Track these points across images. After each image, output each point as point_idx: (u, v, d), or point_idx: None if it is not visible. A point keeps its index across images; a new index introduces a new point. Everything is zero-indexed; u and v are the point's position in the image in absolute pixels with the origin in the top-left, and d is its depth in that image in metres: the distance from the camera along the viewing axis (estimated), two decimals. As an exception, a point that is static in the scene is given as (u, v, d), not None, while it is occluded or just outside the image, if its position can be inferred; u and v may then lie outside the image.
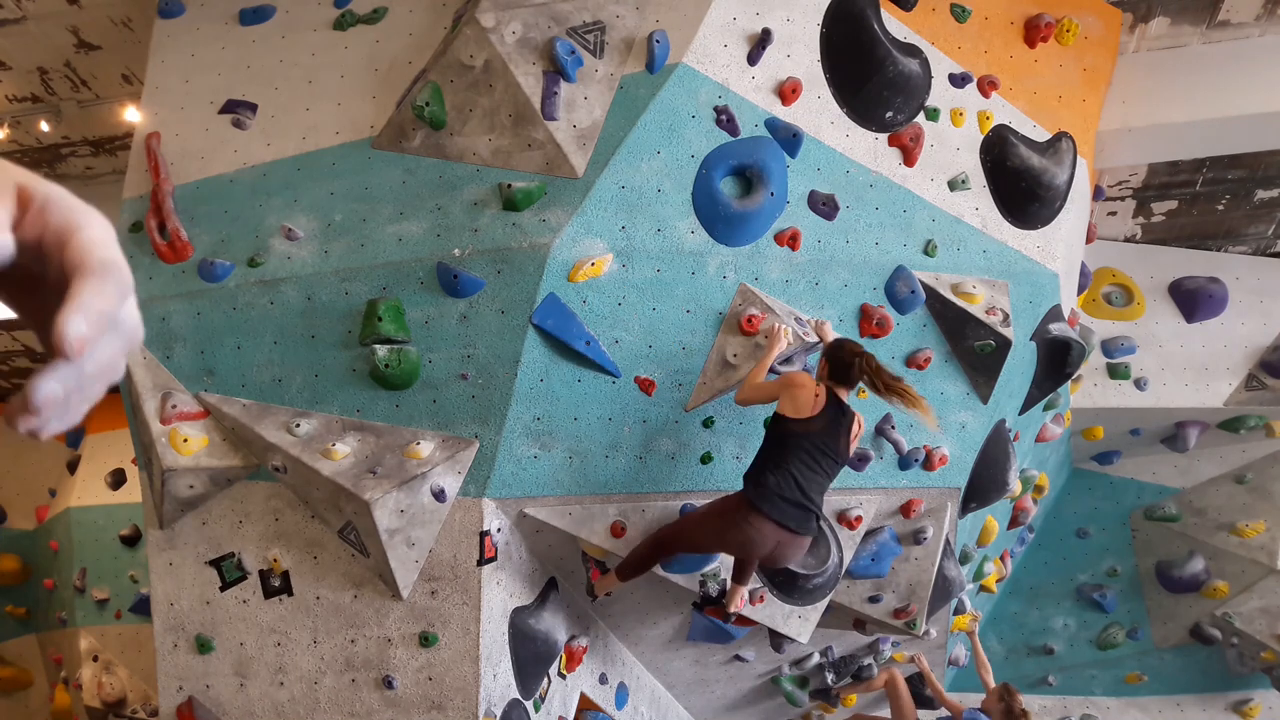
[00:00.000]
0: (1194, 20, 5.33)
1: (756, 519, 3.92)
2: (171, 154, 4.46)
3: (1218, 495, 7.12)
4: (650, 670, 6.12)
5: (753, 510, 3.92)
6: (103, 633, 8.27)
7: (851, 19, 4.26)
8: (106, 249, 0.63)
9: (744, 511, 3.94)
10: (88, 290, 0.61)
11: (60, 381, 0.61)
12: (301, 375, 4.22)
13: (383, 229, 4.10)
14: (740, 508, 3.96)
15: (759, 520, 3.92)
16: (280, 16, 4.62)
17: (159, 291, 4.28)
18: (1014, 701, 5.67)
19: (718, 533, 4.08)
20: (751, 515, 3.92)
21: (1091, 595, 7.41)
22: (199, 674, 4.41)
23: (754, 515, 3.92)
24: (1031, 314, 4.94)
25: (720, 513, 4.07)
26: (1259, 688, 7.31)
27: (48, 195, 0.64)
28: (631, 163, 3.94)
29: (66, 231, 0.63)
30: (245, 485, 4.37)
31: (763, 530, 3.94)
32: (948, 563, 5.27)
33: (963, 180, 4.65)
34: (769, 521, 3.92)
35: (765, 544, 3.99)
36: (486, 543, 4.21)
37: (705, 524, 4.14)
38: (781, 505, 3.91)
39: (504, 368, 4.01)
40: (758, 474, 3.97)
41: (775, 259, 4.24)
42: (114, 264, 0.63)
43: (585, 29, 4.01)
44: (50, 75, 5.80)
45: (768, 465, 3.96)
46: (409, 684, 4.23)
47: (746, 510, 3.93)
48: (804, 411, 3.94)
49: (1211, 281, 6.71)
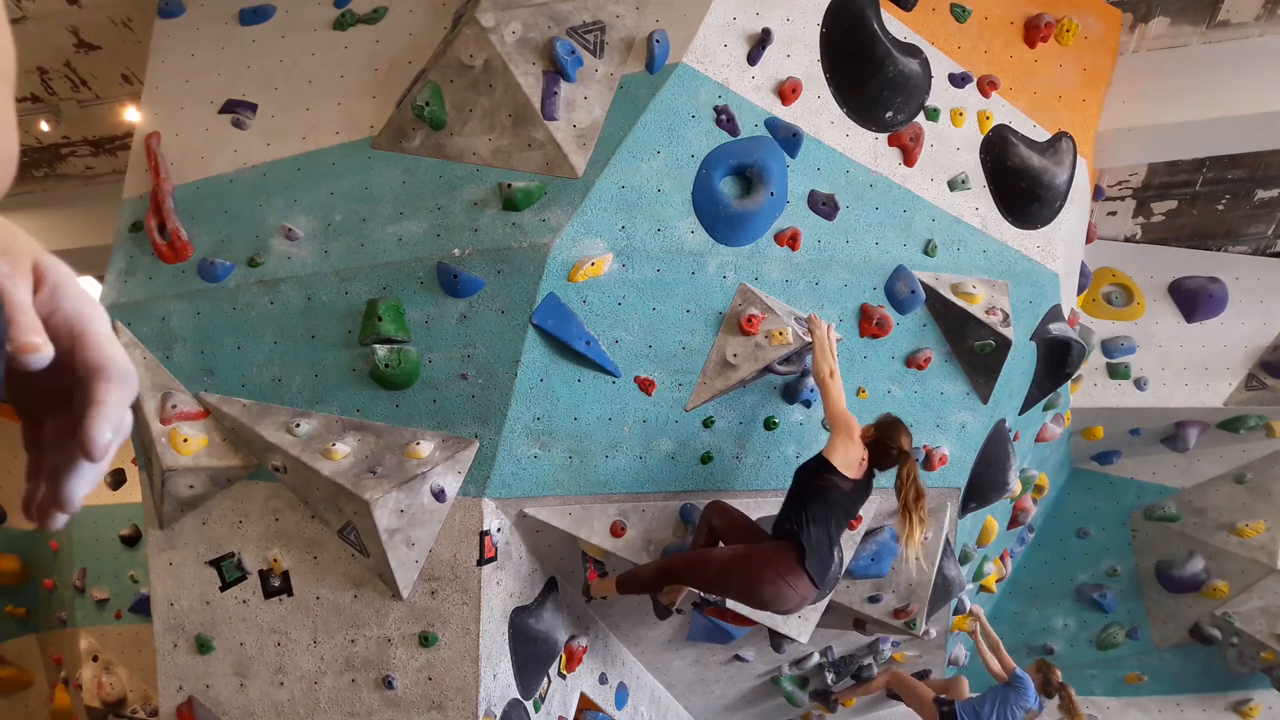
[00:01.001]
0: (1194, 20, 5.33)
1: (798, 578, 3.74)
2: (171, 154, 4.46)
3: (1218, 495, 7.12)
4: (650, 670, 6.12)
5: (798, 567, 3.73)
6: (103, 633, 8.27)
7: (851, 19, 4.26)
8: (120, 350, 0.68)
9: (787, 565, 3.74)
10: (113, 399, 0.67)
11: (89, 483, 0.68)
12: (301, 375, 4.22)
13: (383, 229, 4.10)
14: (782, 562, 3.75)
15: (800, 579, 3.74)
16: (280, 16, 4.62)
17: (159, 291, 4.28)
18: (1052, 674, 5.85)
19: (745, 584, 3.85)
20: (796, 573, 3.74)
21: (1091, 595, 7.41)
22: (199, 674, 4.41)
23: (798, 574, 3.74)
24: (1031, 314, 4.94)
25: (753, 564, 3.81)
26: (1259, 688, 7.31)
27: (59, 278, 0.67)
28: (631, 163, 3.94)
29: (80, 321, 0.68)
30: (245, 485, 4.37)
31: (800, 588, 3.76)
32: (948, 563, 5.27)
33: (963, 180, 4.65)
34: (809, 581, 3.75)
35: (794, 603, 3.83)
36: (486, 543, 4.21)
37: (731, 571, 3.88)
38: (821, 566, 3.77)
39: (504, 368, 4.01)
40: (803, 528, 3.77)
41: (775, 259, 4.24)
42: (131, 372, 0.69)
43: (585, 29, 4.01)
44: (50, 75, 5.80)
45: (813, 520, 3.78)
46: (409, 684, 4.23)
47: (791, 564, 3.74)
48: (850, 471, 3.88)
49: (1211, 281, 6.71)
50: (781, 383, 4.43)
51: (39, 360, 0.63)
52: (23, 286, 0.65)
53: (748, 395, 4.40)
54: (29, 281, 0.66)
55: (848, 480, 3.88)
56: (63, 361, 0.68)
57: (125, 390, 0.67)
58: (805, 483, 3.96)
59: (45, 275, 0.67)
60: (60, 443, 0.70)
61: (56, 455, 0.70)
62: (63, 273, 0.68)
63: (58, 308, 0.66)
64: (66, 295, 0.67)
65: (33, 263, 0.66)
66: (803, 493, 3.92)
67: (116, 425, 0.67)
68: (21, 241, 0.66)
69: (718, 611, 4.95)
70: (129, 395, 0.68)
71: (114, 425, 0.66)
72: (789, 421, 4.55)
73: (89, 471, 0.68)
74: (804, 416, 4.58)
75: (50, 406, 0.72)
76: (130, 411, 0.70)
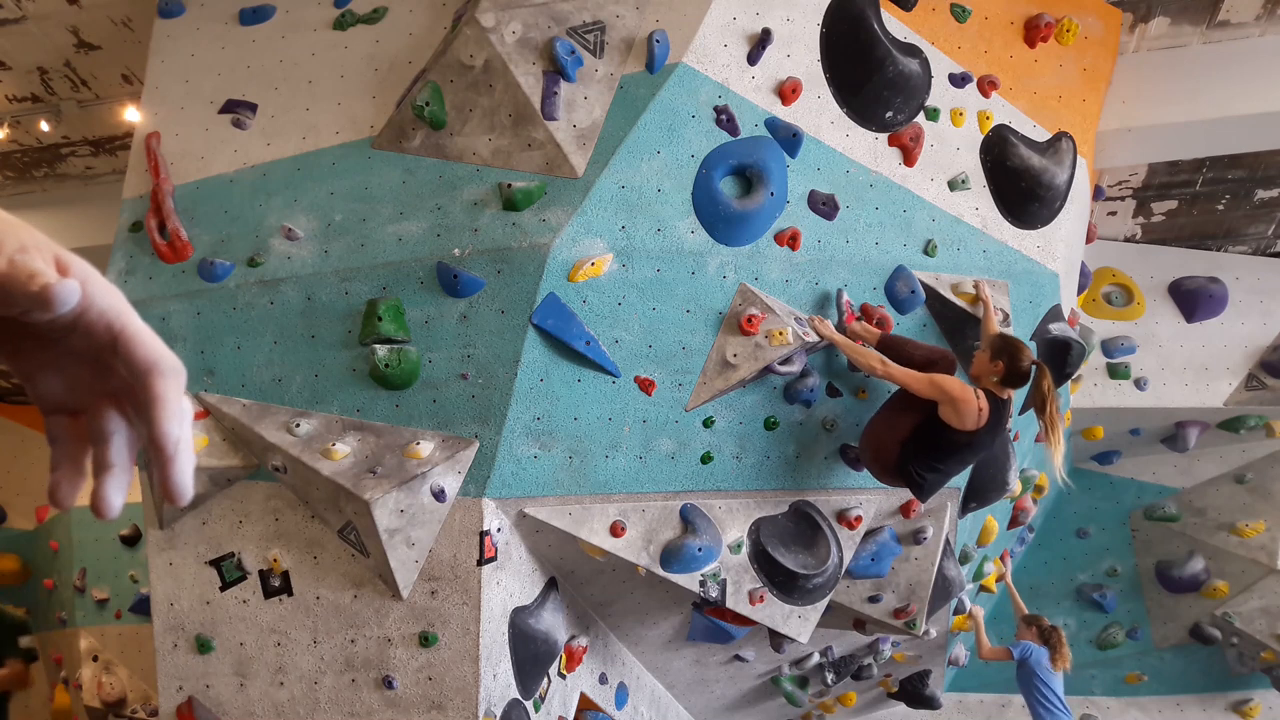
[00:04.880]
0: (1194, 20, 5.33)
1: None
2: (171, 154, 4.46)
3: (1218, 495, 7.12)
4: (650, 670, 6.12)
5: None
6: (103, 633, 8.27)
7: (851, 19, 4.26)
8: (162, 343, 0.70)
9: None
10: (173, 394, 0.68)
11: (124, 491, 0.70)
12: (301, 375, 4.22)
13: (383, 229, 4.10)
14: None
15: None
16: (280, 16, 4.62)
17: (159, 291, 4.28)
18: (1041, 622, 6.08)
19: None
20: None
21: (1091, 595, 7.41)
22: (199, 674, 4.41)
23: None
24: (1031, 314, 4.94)
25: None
26: (1259, 688, 7.31)
27: (86, 273, 0.67)
28: (631, 163, 3.94)
29: (118, 316, 0.68)
30: (245, 485, 4.37)
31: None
32: (948, 563, 5.27)
33: (963, 180, 4.65)
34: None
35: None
36: (486, 543, 4.21)
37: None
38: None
39: (504, 368, 4.01)
40: (914, 476, 4.08)
41: (775, 259, 4.24)
42: (180, 365, 0.70)
43: (585, 29, 4.01)
44: (50, 75, 5.80)
45: (928, 464, 4.06)
46: (409, 684, 4.23)
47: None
48: (969, 425, 3.93)
49: (1211, 281, 6.71)
50: (781, 383, 4.43)
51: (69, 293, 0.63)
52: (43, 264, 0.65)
53: (748, 395, 4.40)
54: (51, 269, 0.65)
55: (969, 433, 3.98)
56: (100, 356, 0.69)
57: (181, 383, 0.69)
58: (924, 429, 4.08)
59: (70, 269, 0.66)
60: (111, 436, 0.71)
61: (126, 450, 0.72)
62: (88, 268, 0.68)
63: (91, 301, 0.66)
64: (97, 289, 0.67)
65: (55, 257, 0.66)
66: (923, 435, 4.08)
67: (181, 418, 0.69)
68: (42, 240, 0.66)
69: (718, 611, 4.94)
70: (183, 386, 0.70)
71: (180, 419, 0.68)
72: (789, 421, 4.55)
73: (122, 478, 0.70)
74: (804, 416, 4.58)
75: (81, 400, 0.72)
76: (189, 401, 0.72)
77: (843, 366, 4.58)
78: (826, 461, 4.73)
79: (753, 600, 4.71)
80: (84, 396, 0.72)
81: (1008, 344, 4.06)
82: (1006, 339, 4.12)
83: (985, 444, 4.09)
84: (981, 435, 3.96)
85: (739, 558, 4.60)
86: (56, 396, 0.72)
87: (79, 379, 0.71)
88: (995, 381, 4.03)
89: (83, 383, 0.71)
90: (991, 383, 4.03)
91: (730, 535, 4.58)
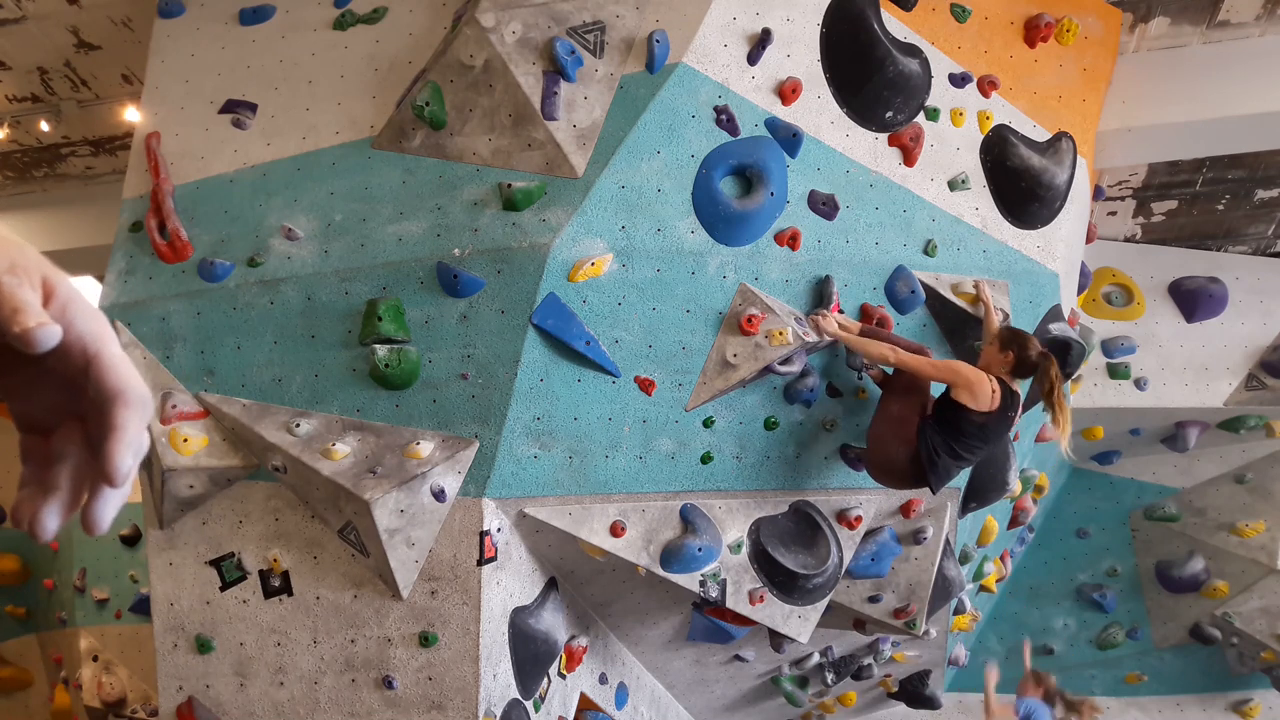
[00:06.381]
0: (1194, 20, 5.33)
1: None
2: (171, 154, 4.46)
3: (1218, 495, 7.12)
4: (650, 670, 6.12)
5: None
6: (103, 633, 8.26)
7: (851, 19, 4.26)
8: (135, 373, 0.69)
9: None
10: (133, 425, 0.68)
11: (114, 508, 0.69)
12: (301, 375, 4.22)
13: (383, 229, 4.10)
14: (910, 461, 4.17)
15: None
16: (280, 16, 4.62)
17: (159, 291, 4.28)
18: (1048, 682, 5.87)
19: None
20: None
21: (1091, 595, 7.41)
22: (199, 674, 4.41)
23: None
24: (1031, 314, 4.94)
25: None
26: (1259, 688, 7.31)
27: (70, 295, 0.68)
28: (631, 163, 3.94)
29: (94, 341, 0.68)
30: (245, 485, 4.37)
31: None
32: (948, 563, 5.27)
33: (963, 180, 4.65)
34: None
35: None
36: (486, 543, 4.21)
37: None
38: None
39: (504, 368, 4.01)
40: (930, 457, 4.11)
41: (775, 259, 4.24)
42: (147, 397, 0.69)
43: (585, 29, 4.01)
44: (50, 75, 5.80)
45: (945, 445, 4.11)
46: (409, 684, 4.23)
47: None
48: (983, 405, 4.00)
49: (1211, 281, 6.71)
50: (781, 383, 4.43)
51: (49, 337, 0.63)
52: (30, 291, 0.65)
53: (748, 395, 4.40)
54: (38, 293, 0.66)
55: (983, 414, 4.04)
56: (74, 379, 0.69)
57: (144, 415, 0.69)
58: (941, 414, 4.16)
59: (55, 291, 0.67)
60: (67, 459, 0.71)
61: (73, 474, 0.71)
62: (73, 290, 0.68)
63: (70, 325, 0.67)
64: (78, 313, 0.67)
65: (42, 278, 0.67)
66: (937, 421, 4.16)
67: (137, 450, 0.68)
68: (31, 258, 0.67)
69: (718, 611, 4.94)
70: (146, 419, 0.69)
71: (135, 451, 0.68)
72: (789, 421, 4.55)
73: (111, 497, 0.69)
74: (804, 416, 4.58)
75: (54, 420, 0.73)
76: (148, 434, 0.71)
77: (843, 366, 4.59)
78: (826, 461, 4.73)
79: (753, 600, 4.72)
80: (57, 416, 0.72)
81: (1016, 335, 4.15)
82: (1014, 331, 4.20)
83: (998, 431, 4.14)
84: (994, 419, 4.02)
85: (739, 558, 4.60)
86: (32, 415, 0.73)
87: (54, 399, 0.71)
88: (1006, 372, 4.08)
89: (57, 403, 0.72)
90: (1003, 373, 4.08)
91: (730, 535, 4.59)
